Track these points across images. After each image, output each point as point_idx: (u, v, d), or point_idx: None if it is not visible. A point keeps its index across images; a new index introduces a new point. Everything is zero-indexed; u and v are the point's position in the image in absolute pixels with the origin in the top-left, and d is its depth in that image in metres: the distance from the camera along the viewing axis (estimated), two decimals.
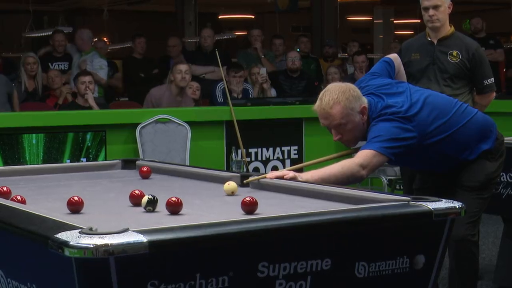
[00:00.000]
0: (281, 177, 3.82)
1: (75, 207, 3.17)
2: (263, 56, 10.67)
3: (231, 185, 3.68)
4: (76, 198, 3.19)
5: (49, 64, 9.83)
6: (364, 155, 3.98)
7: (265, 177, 3.85)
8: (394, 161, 4.18)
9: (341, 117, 4.05)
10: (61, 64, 9.86)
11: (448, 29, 5.64)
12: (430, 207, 3.03)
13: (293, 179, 3.79)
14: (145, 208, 3.20)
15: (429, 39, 5.65)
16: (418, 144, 4.12)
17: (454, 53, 5.54)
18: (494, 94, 5.72)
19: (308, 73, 10.50)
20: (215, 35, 10.92)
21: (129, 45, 12.41)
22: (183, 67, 8.43)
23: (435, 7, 5.55)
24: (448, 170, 4.42)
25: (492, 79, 5.63)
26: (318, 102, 4.11)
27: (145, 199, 3.21)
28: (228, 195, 3.64)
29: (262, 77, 9.49)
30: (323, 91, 4.14)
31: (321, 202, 3.43)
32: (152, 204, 3.19)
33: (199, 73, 9.87)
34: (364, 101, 4.13)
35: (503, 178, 5.30)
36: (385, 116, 4.08)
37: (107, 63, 10.16)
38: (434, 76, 5.56)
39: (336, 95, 4.05)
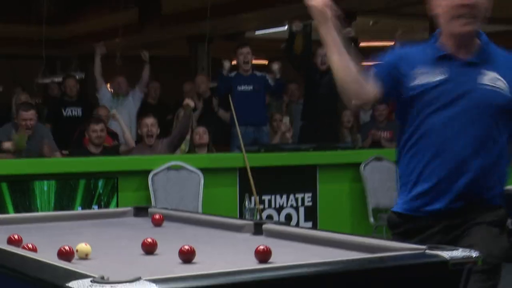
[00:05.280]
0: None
1: (65, 257, 3.05)
2: None
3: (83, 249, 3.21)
4: (66, 248, 3.08)
5: (62, 109, 9.84)
6: None
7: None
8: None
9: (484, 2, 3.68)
10: (74, 110, 9.86)
11: None
12: (447, 256, 2.96)
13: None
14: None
15: None
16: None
17: None
18: None
19: None
20: None
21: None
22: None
23: None
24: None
25: None
26: None
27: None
28: (81, 258, 3.19)
29: (285, 126, 9.52)
30: None
31: (336, 250, 3.38)
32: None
33: None
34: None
35: None
36: None
37: None
38: None
39: None
